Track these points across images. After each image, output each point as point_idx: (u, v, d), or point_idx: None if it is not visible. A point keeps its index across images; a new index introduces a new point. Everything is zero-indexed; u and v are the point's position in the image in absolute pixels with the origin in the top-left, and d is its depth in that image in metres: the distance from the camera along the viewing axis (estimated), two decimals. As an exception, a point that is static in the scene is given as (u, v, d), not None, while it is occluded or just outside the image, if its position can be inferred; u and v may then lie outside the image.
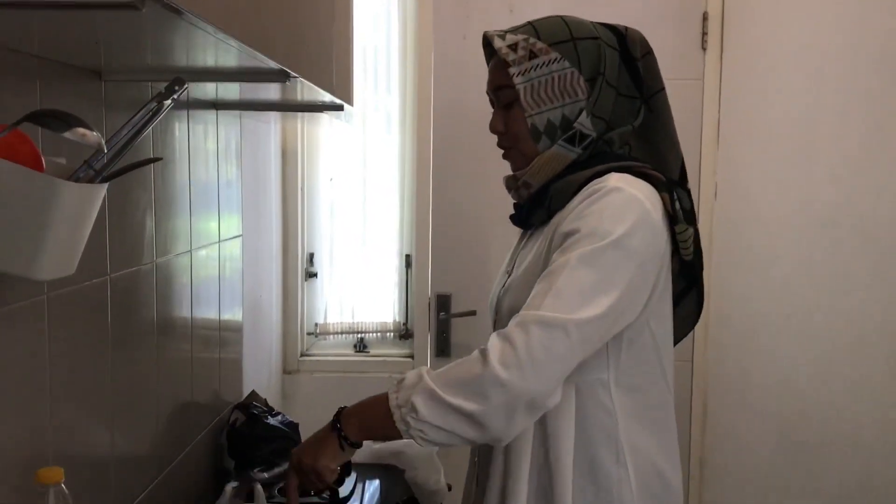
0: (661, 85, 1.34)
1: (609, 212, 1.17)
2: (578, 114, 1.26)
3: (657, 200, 1.23)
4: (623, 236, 1.16)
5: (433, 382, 1.12)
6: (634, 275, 1.18)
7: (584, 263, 1.14)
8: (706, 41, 2.60)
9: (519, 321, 1.14)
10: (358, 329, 2.82)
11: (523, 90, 1.26)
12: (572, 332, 1.12)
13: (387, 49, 2.74)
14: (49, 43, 0.99)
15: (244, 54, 0.99)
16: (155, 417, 1.53)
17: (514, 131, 1.31)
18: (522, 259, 1.34)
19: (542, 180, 1.29)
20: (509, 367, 1.10)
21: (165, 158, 1.52)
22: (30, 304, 1.05)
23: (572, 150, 1.27)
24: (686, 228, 1.26)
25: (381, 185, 2.78)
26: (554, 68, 1.25)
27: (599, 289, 1.14)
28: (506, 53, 1.27)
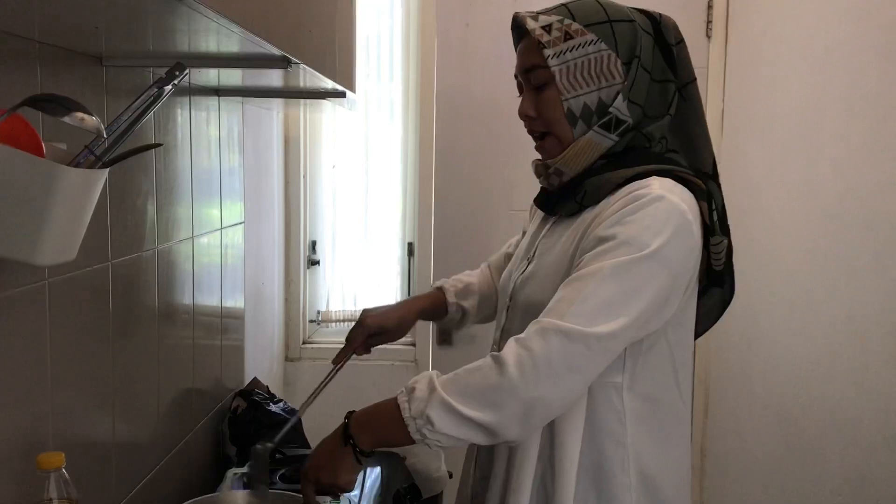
0: (693, 76, 1.30)
1: (650, 222, 1.13)
2: (615, 97, 1.22)
3: (696, 210, 1.20)
4: (661, 249, 1.12)
5: (447, 393, 1.10)
6: (665, 287, 1.15)
7: (616, 275, 1.11)
8: (711, 30, 2.59)
9: (539, 329, 1.11)
10: (360, 317, 2.81)
11: (559, 72, 1.21)
12: (593, 345, 1.10)
13: (390, 36, 2.73)
14: (50, 28, 0.98)
15: (245, 40, 0.99)
16: (156, 404, 1.53)
17: (547, 116, 1.25)
18: (545, 248, 1.30)
19: (576, 169, 1.25)
20: (526, 376, 1.09)
21: (167, 145, 1.51)
22: (31, 290, 1.05)
23: (608, 137, 1.22)
24: (721, 240, 1.24)
25: (383, 172, 2.78)
26: (590, 50, 1.21)
27: (628, 301, 1.11)
28: (540, 34, 1.22)
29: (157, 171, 1.46)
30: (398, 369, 2.73)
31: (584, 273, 1.13)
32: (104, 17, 0.88)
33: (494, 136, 2.56)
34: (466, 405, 1.09)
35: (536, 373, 1.09)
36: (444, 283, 1.64)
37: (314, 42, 1.32)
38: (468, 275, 1.66)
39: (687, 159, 1.29)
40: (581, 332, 1.09)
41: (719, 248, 1.24)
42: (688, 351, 1.29)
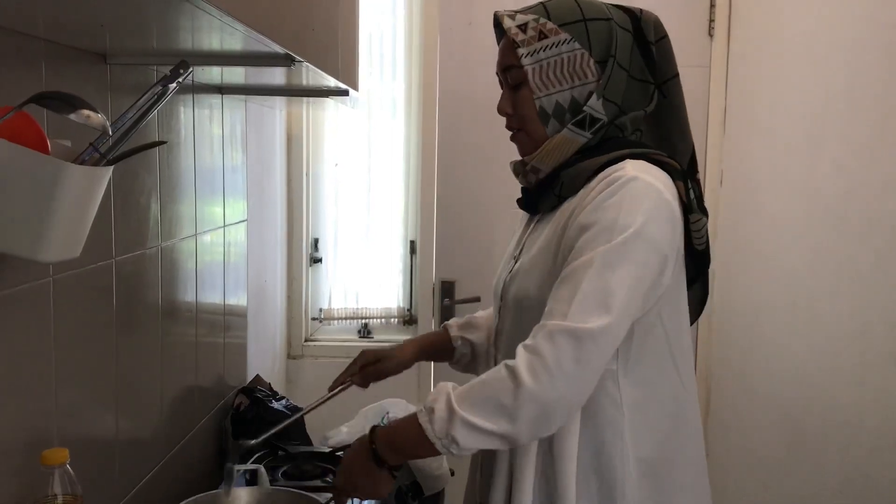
0: (675, 71, 1.31)
1: (628, 203, 1.15)
2: (588, 97, 1.24)
3: (673, 188, 1.21)
4: (643, 228, 1.14)
5: (467, 412, 1.12)
6: (655, 264, 1.16)
7: (606, 263, 1.12)
8: (713, 28, 2.59)
9: (546, 332, 1.12)
10: (362, 315, 2.82)
11: (531, 71, 1.24)
12: (600, 338, 1.11)
13: (392, 35, 2.73)
14: (55, 26, 0.98)
15: (250, 38, 0.99)
16: (159, 400, 1.53)
17: (521, 113, 1.28)
18: (531, 245, 1.32)
19: (551, 165, 1.27)
20: (541, 381, 1.10)
21: (171, 142, 1.52)
22: (35, 287, 1.05)
23: (582, 135, 1.24)
24: (700, 218, 1.25)
25: (386, 170, 2.78)
26: (563, 49, 1.23)
27: (622, 286, 1.13)
28: (515, 33, 1.25)
29: (161, 169, 1.47)
30: (400, 367, 2.73)
31: (576, 267, 1.14)
32: (110, 15, 0.88)
33: (496, 134, 2.54)
34: (487, 420, 1.12)
35: (550, 377, 1.10)
36: (450, 321, 1.65)
37: (317, 40, 1.33)
38: (480, 313, 1.64)
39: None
40: (586, 329, 1.10)
41: (699, 225, 1.25)
42: (684, 335, 1.30)
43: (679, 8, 2.60)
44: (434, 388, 1.19)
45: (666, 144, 1.31)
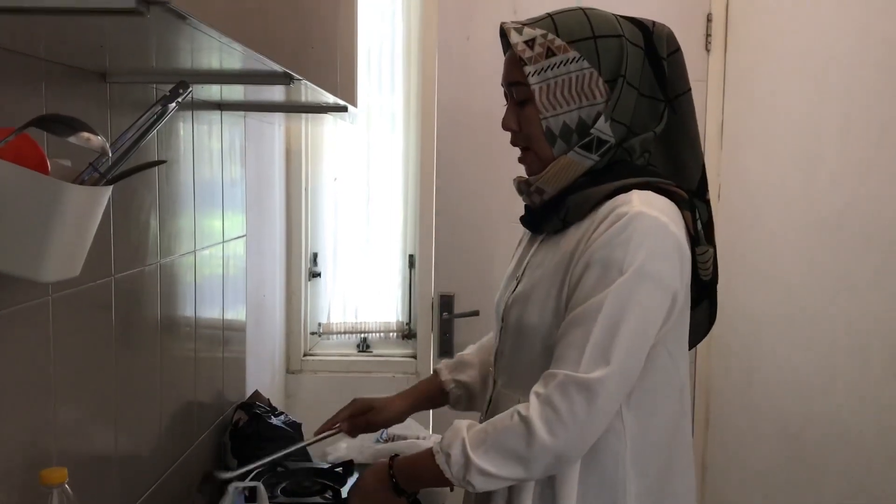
0: (687, 86, 1.27)
1: (636, 241, 1.12)
2: (596, 118, 1.20)
3: (680, 221, 1.19)
4: (651, 267, 1.13)
5: (482, 461, 1.14)
6: (663, 301, 1.16)
7: (616, 306, 1.11)
8: (710, 43, 2.60)
9: (559, 384, 1.11)
10: (361, 329, 2.82)
11: (539, 90, 1.20)
12: (612, 387, 1.12)
13: (391, 50, 2.74)
14: (55, 46, 0.99)
15: (248, 57, 1.00)
16: (158, 417, 1.53)
17: (527, 132, 1.24)
18: (534, 268, 1.29)
19: (556, 188, 1.23)
20: (556, 435, 1.11)
21: (170, 159, 1.52)
22: (34, 306, 1.05)
23: (589, 157, 1.21)
24: (707, 250, 1.23)
25: (384, 185, 2.79)
26: (572, 68, 1.19)
27: (632, 326, 1.12)
28: (522, 50, 1.20)
29: (160, 186, 1.47)
30: (399, 381, 2.73)
31: (585, 310, 1.13)
32: (109, 36, 0.89)
33: (495, 149, 2.55)
34: (502, 468, 1.15)
35: (566, 430, 1.11)
36: (439, 365, 1.63)
37: (315, 58, 1.33)
38: (470, 349, 1.63)
39: (669, 175, 1.27)
40: (599, 380, 1.10)
41: (705, 257, 1.24)
42: (686, 362, 1.29)
43: (675, 22, 2.57)
44: (450, 429, 1.20)
45: (677, 163, 1.29)
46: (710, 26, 2.60)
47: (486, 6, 2.62)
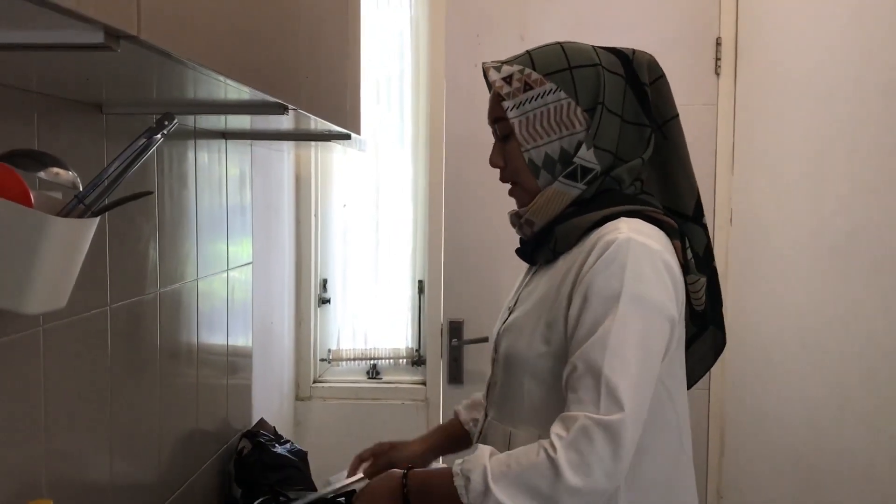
0: (674, 111, 1.28)
1: (630, 269, 1.11)
2: (578, 146, 1.20)
3: (670, 248, 1.19)
4: (648, 293, 1.12)
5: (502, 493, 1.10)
6: (667, 329, 1.15)
7: (621, 336, 1.10)
8: (720, 66, 2.59)
9: (581, 427, 1.09)
10: (371, 355, 2.81)
11: (518, 123, 1.22)
12: (633, 425, 1.10)
13: (399, 77, 2.76)
14: (45, 80, 1.00)
15: (236, 88, 1.00)
16: (157, 446, 1.53)
17: (512, 166, 1.26)
18: (525, 298, 1.29)
19: (545, 219, 1.24)
20: (582, 478, 1.08)
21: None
22: (24, 337, 1.06)
23: (575, 187, 1.21)
24: (697, 279, 1.22)
25: (393, 211, 2.79)
26: (549, 100, 1.21)
27: (643, 358, 1.11)
28: (500, 86, 1.23)
29: (161, 215, 1.48)
30: (409, 408, 2.71)
31: (592, 346, 1.11)
32: (91, 70, 0.89)
33: (504, 175, 2.57)
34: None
35: (592, 473, 1.08)
36: (457, 407, 1.62)
37: (312, 87, 1.34)
38: None
39: (666, 201, 1.27)
40: (621, 420, 1.08)
41: (697, 286, 1.23)
42: (683, 397, 1.27)
43: (685, 47, 2.60)
44: (474, 453, 1.17)
45: (670, 190, 1.28)
46: (719, 50, 2.59)
47: (493, 33, 2.63)
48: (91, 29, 0.62)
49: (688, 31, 2.60)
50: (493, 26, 2.62)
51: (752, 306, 2.42)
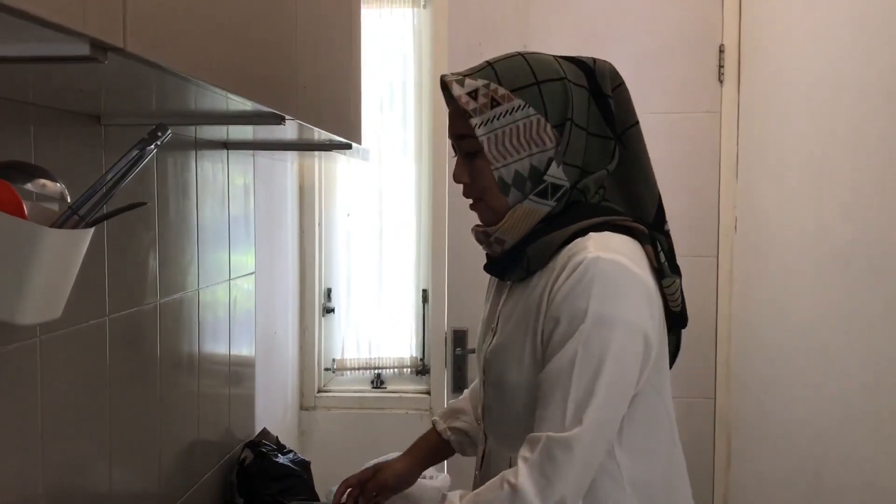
0: (634, 119, 1.26)
1: (597, 288, 1.10)
2: (548, 164, 1.18)
3: (641, 257, 1.18)
4: (616, 312, 1.11)
5: None
6: (639, 345, 1.14)
7: (589, 356, 1.10)
8: (723, 73, 2.58)
9: (543, 447, 1.10)
10: (375, 365, 2.81)
11: (487, 141, 1.17)
12: (588, 437, 1.10)
13: (402, 85, 2.76)
14: (39, 91, 1.01)
15: (229, 98, 1.01)
16: (158, 455, 1.53)
17: (480, 184, 1.22)
18: (506, 318, 1.27)
19: (516, 237, 1.21)
20: (548, 497, 1.09)
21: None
22: (21, 347, 1.06)
23: (546, 204, 1.19)
24: (673, 281, 1.21)
25: (397, 220, 2.79)
26: (518, 116, 1.17)
27: (613, 378, 1.11)
28: (466, 102, 1.18)
29: (161, 225, 1.48)
30: (413, 418, 2.70)
31: (559, 366, 1.12)
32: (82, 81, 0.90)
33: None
34: None
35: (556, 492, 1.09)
36: (434, 417, 1.62)
37: (311, 98, 1.34)
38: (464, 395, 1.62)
39: (627, 210, 1.26)
40: (576, 434, 1.09)
41: (672, 288, 1.21)
42: (669, 392, 1.27)
43: (688, 54, 2.60)
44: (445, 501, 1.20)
45: (631, 197, 1.27)
46: (722, 57, 2.58)
47: (495, 42, 2.63)
48: (77, 41, 0.63)
49: (691, 38, 2.60)
50: (496, 35, 2.63)
51: (757, 313, 2.41)
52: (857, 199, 1.75)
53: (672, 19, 2.60)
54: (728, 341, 2.61)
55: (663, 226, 1.27)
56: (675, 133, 2.59)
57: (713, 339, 2.62)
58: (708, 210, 2.61)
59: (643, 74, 2.59)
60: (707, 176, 2.61)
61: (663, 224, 1.28)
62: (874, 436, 1.66)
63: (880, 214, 1.64)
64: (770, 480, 2.30)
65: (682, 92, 2.61)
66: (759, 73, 2.46)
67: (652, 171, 1.28)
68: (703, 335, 2.55)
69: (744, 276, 2.53)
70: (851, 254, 1.77)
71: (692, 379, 2.50)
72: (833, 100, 1.90)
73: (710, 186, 2.61)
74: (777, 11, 2.32)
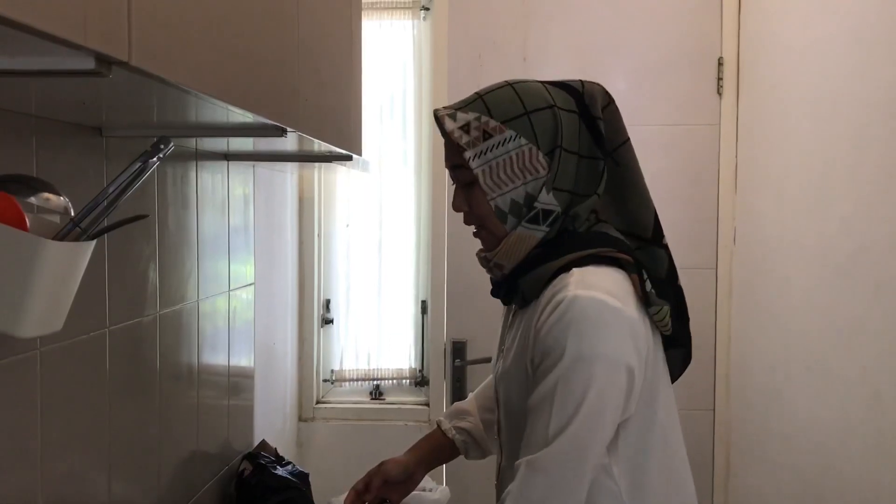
0: (625, 136, 1.28)
1: (574, 328, 1.13)
2: (540, 190, 1.21)
3: (625, 287, 1.19)
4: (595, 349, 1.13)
5: None
6: (622, 380, 1.16)
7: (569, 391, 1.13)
8: (722, 86, 2.60)
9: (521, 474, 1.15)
10: (374, 376, 2.81)
11: (482, 173, 1.21)
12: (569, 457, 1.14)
13: (403, 99, 2.77)
14: (42, 103, 1.01)
15: (231, 111, 1.01)
16: (157, 468, 1.52)
17: (478, 213, 1.26)
18: (509, 345, 1.31)
19: (514, 261, 1.26)
20: None
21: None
22: (21, 360, 1.06)
23: (538, 229, 1.23)
24: (660, 308, 1.22)
25: (397, 230, 2.79)
26: (510, 147, 1.20)
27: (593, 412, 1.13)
28: (458, 136, 1.22)
29: (161, 236, 1.48)
30: (412, 429, 2.70)
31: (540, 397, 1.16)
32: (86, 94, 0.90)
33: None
34: None
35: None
36: (439, 417, 1.65)
37: (310, 110, 1.34)
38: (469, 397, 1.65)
39: (623, 225, 1.28)
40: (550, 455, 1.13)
41: (660, 315, 1.23)
42: (671, 411, 1.28)
43: (687, 66, 2.61)
44: None
45: (626, 215, 1.29)
46: (721, 70, 2.60)
47: (495, 54, 2.64)
48: (82, 55, 0.63)
49: (690, 50, 2.61)
50: (496, 47, 2.64)
51: (756, 327, 2.41)
52: (856, 212, 1.75)
53: (671, 32, 2.62)
54: (727, 354, 2.61)
55: (661, 239, 1.30)
56: (674, 145, 2.60)
57: (712, 351, 2.62)
58: (707, 222, 2.62)
59: (642, 87, 2.61)
60: (706, 188, 2.62)
61: (661, 237, 1.30)
62: (875, 449, 1.66)
63: (880, 227, 1.64)
64: (770, 494, 2.30)
65: (682, 104, 2.62)
66: (757, 85, 2.47)
67: (645, 186, 1.31)
68: (703, 347, 2.55)
69: (743, 288, 2.53)
70: (851, 266, 1.77)
71: (691, 391, 2.50)
72: (832, 113, 1.91)
73: (710, 198, 2.62)
74: (775, 25, 2.33)
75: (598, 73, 2.55)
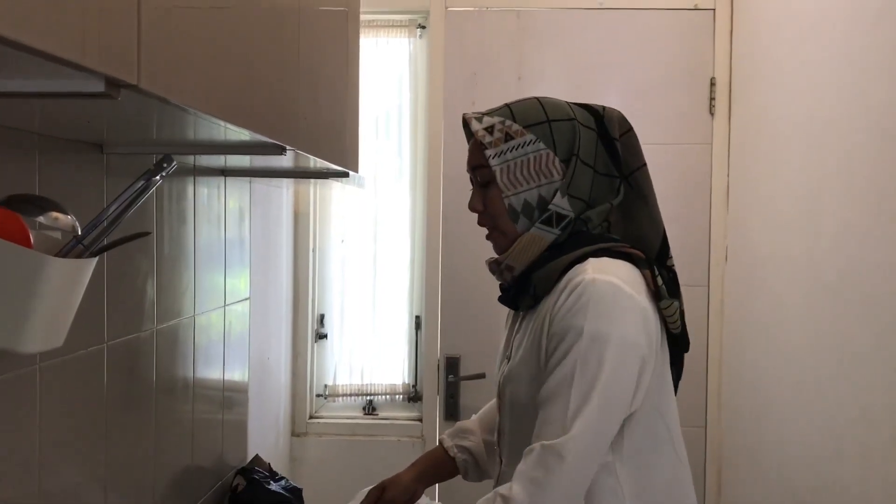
0: (641, 161, 1.35)
1: (592, 307, 1.18)
2: (554, 194, 1.28)
3: (639, 280, 1.25)
4: (612, 330, 1.17)
5: None
6: (634, 363, 1.19)
7: (586, 372, 1.16)
8: (714, 106, 2.63)
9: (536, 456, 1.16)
10: (367, 391, 2.81)
11: (499, 171, 1.29)
12: (589, 446, 1.16)
13: (398, 115, 2.79)
14: (47, 121, 1.02)
15: (234, 131, 1.02)
16: (152, 482, 1.52)
17: (492, 211, 1.33)
18: (518, 345, 1.34)
19: (524, 263, 1.30)
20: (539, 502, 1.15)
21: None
22: (21, 375, 1.06)
23: (551, 232, 1.28)
24: (671, 303, 1.27)
25: (391, 247, 2.81)
26: (529, 150, 1.28)
27: (608, 392, 1.16)
28: (482, 136, 1.30)
29: (159, 252, 1.49)
30: (405, 445, 2.70)
31: (558, 381, 1.18)
32: (91, 113, 0.91)
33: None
34: None
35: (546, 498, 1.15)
36: (442, 435, 1.68)
37: (308, 128, 1.36)
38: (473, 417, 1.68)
39: (629, 242, 1.32)
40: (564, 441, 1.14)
41: (671, 310, 1.27)
42: (672, 409, 1.31)
43: (680, 86, 2.64)
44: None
45: (636, 233, 1.35)
46: (713, 90, 2.63)
47: (490, 72, 2.67)
48: (93, 78, 0.64)
49: (683, 71, 2.64)
50: (491, 66, 2.66)
51: (747, 344, 2.43)
52: (847, 231, 1.77)
53: (664, 53, 2.65)
54: (719, 371, 2.62)
55: (666, 260, 1.34)
56: (666, 164, 2.62)
57: (704, 368, 2.64)
58: (699, 240, 2.64)
59: (635, 106, 2.63)
60: (698, 206, 2.65)
61: (666, 258, 1.34)
62: (866, 467, 1.67)
63: (870, 245, 1.66)
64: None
65: (674, 124, 2.65)
66: (749, 105, 2.50)
67: (658, 211, 1.36)
68: (694, 364, 2.56)
69: (734, 305, 2.55)
70: (842, 284, 1.79)
71: (683, 408, 2.50)
72: (822, 133, 1.94)
73: (702, 217, 2.65)
74: (767, 46, 2.36)
75: (592, 92, 2.58)
